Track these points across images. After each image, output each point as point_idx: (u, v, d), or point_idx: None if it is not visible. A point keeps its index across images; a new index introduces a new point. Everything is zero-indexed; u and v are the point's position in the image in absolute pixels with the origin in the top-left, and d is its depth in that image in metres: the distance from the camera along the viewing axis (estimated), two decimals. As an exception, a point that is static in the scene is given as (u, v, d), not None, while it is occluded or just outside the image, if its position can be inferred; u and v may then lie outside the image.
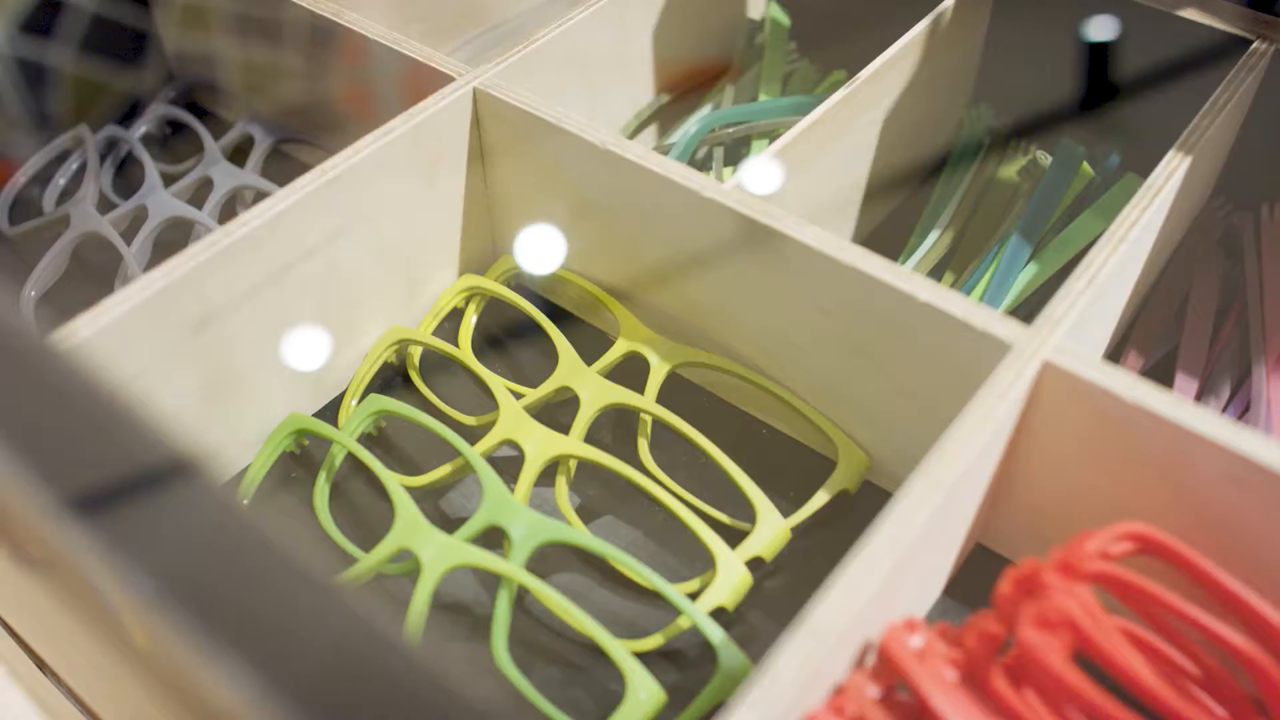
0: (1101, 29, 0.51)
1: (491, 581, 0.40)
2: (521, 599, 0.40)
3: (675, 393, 0.45)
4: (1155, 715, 0.30)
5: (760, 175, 0.41)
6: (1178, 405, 0.33)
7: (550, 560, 0.41)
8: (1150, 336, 0.46)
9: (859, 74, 0.45)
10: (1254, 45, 0.46)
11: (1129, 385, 0.33)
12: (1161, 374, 0.45)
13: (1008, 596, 0.32)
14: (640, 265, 0.44)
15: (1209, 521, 0.34)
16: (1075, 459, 0.36)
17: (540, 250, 0.48)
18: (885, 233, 0.52)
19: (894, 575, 0.30)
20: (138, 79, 0.58)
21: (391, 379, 0.47)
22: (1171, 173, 0.40)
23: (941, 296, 0.36)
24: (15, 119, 0.55)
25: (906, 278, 0.36)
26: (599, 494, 0.42)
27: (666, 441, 0.43)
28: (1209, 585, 0.33)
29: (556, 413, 0.44)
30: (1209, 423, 0.32)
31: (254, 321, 0.40)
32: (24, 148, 0.55)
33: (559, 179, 0.44)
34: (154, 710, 0.34)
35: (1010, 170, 0.52)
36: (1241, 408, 0.44)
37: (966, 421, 0.32)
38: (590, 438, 0.43)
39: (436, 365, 0.47)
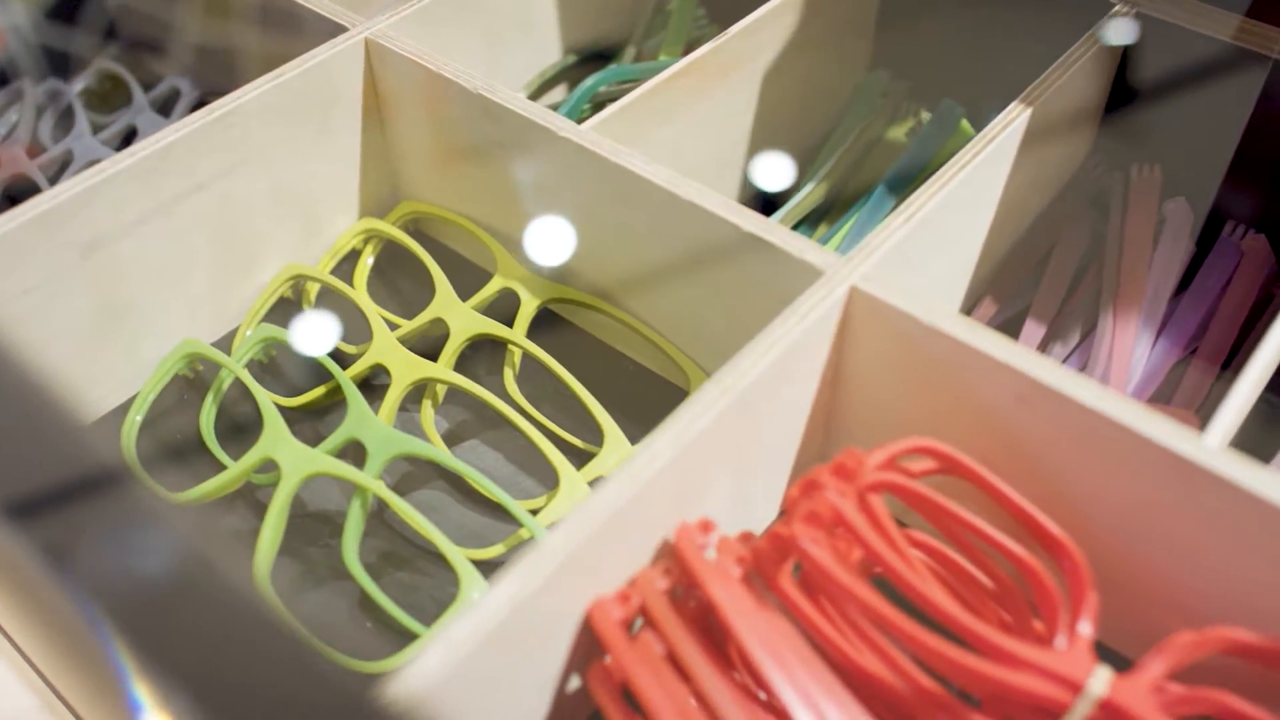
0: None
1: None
2: (382, 513, 0.42)
3: (551, 329, 0.48)
4: (935, 623, 0.32)
5: (619, 119, 0.43)
6: (970, 329, 0.35)
7: (413, 477, 0.43)
8: (1009, 287, 0.48)
9: (729, 29, 0.47)
10: (1116, 7, 0.47)
11: (927, 310, 0.35)
12: (1020, 325, 0.47)
13: (793, 499, 0.34)
14: (516, 206, 0.47)
15: (1004, 440, 0.36)
16: (889, 384, 0.38)
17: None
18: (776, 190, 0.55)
19: (681, 472, 0.33)
20: (83, 38, 0.61)
21: (289, 314, 0.49)
22: (1009, 123, 0.42)
23: (763, 228, 0.38)
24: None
25: (735, 211, 0.38)
26: (467, 419, 0.45)
27: (537, 374, 0.45)
28: (995, 496, 0.35)
29: (436, 345, 0.47)
30: (998, 345, 0.34)
31: (146, 249, 0.43)
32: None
33: (444, 126, 0.47)
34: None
35: (899, 131, 0.54)
36: (1086, 356, 0.45)
37: (764, 336, 0.34)
38: (464, 368, 0.45)
39: (332, 302, 0.49)
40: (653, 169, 0.40)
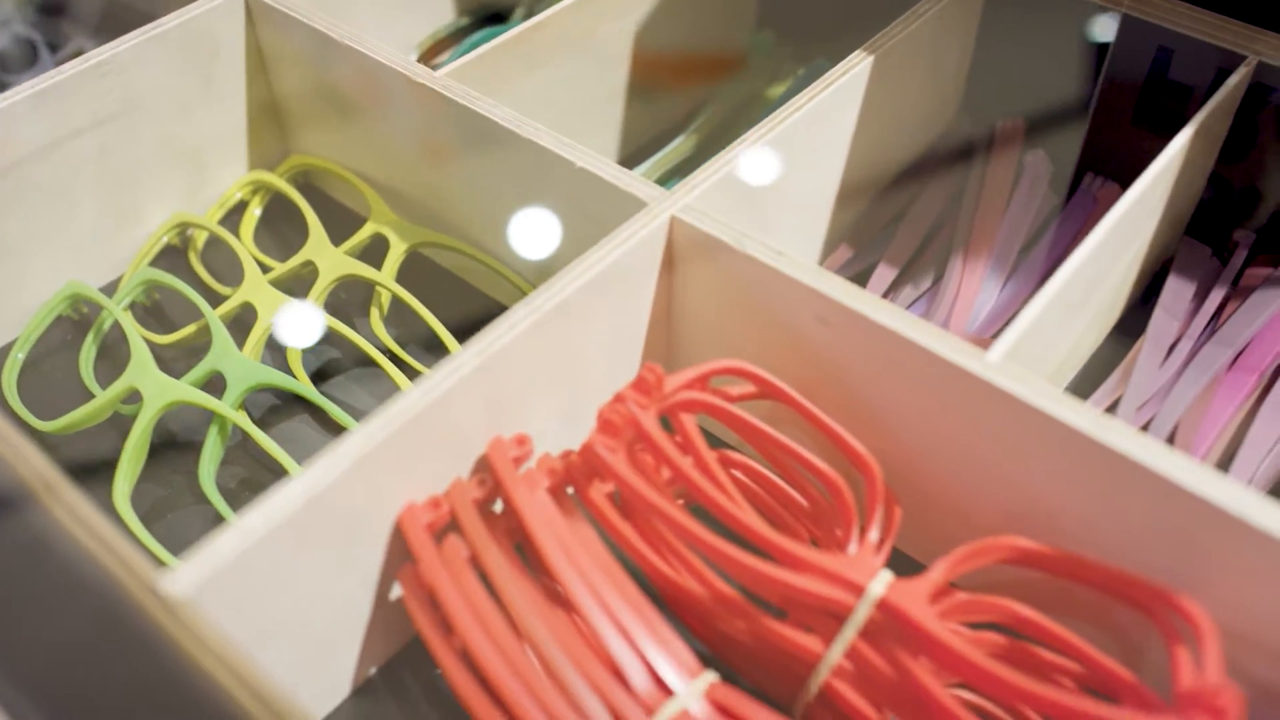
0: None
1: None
2: (245, 443, 0.44)
3: (423, 273, 0.49)
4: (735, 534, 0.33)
5: (478, 67, 0.45)
6: (775, 255, 0.36)
7: (277, 411, 0.45)
8: (868, 236, 0.49)
9: (592, -16, 0.49)
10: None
11: (736, 237, 0.37)
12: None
13: (601, 413, 0.36)
14: (392, 155, 0.48)
15: (814, 362, 0.37)
16: (715, 312, 0.39)
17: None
18: (654, 146, 0.56)
19: (491, 384, 0.34)
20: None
21: (177, 261, 0.51)
22: (849, 69, 0.44)
23: (595, 164, 0.39)
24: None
25: (569, 148, 0.40)
26: (335, 357, 0.47)
27: (408, 316, 0.47)
28: (804, 415, 0.36)
29: (310, 288, 0.49)
30: (799, 269, 0.36)
31: (24, 193, 0.45)
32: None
33: (323, 79, 0.49)
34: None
35: (779, 89, 0.56)
36: (935, 297, 0.47)
37: (580, 260, 0.36)
38: (337, 310, 0.47)
39: (217, 250, 0.51)
40: (499, 111, 0.42)
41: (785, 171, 0.43)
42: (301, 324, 0.46)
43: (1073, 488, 0.33)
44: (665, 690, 0.31)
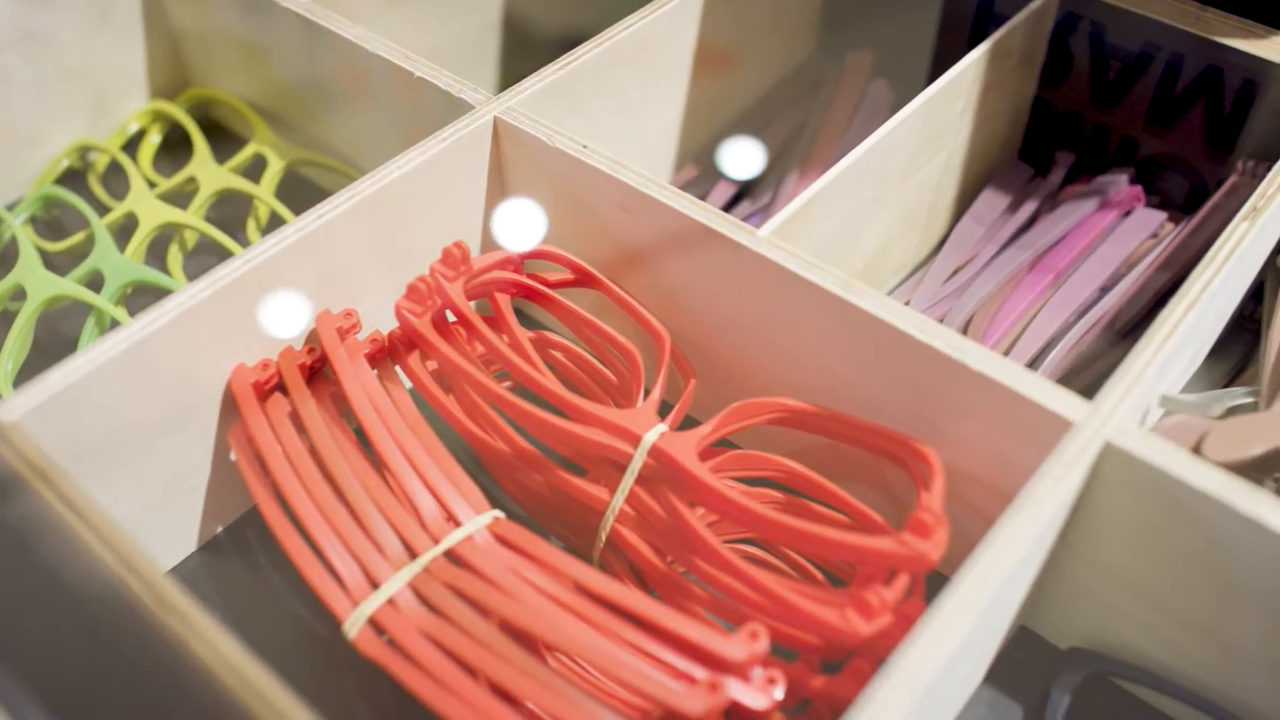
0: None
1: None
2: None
3: (304, 194, 0.53)
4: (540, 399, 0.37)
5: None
6: (580, 149, 0.40)
7: (157, 310, 0.49)
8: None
9: (459, -77, 0.52)
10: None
11: (550, 135, 0.40)
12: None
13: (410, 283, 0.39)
14: (268, 80, 0.52)
15: (619, 246, 0.41)
16: (539, 205, 0.43)
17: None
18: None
19: (315, 259, 0.38)
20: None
21: (80, 184, 0.55)
22: (681, -4, 0.47)
23: (431, 73, 0.43)
24: None
25: (410, 60, 0.44)
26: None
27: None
28: (608, 294, 0.40)
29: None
30: (600, 160, 0.39)
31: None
32: None
33: (211, 12, 0.52)
34: None
35: (652, 31, 0.59)
36: (767, 212, 0.50)
37: (405, 154, 0.40)
38: (222, 224, 0.51)
39: (119, 176, 0.55)
40: (350, 30, 0.45)
41: (616, 85, 0.46)
42: (184, 234, 0.50)
43: (833, 350, 0.37)
44: (455, 522, 0.35)
